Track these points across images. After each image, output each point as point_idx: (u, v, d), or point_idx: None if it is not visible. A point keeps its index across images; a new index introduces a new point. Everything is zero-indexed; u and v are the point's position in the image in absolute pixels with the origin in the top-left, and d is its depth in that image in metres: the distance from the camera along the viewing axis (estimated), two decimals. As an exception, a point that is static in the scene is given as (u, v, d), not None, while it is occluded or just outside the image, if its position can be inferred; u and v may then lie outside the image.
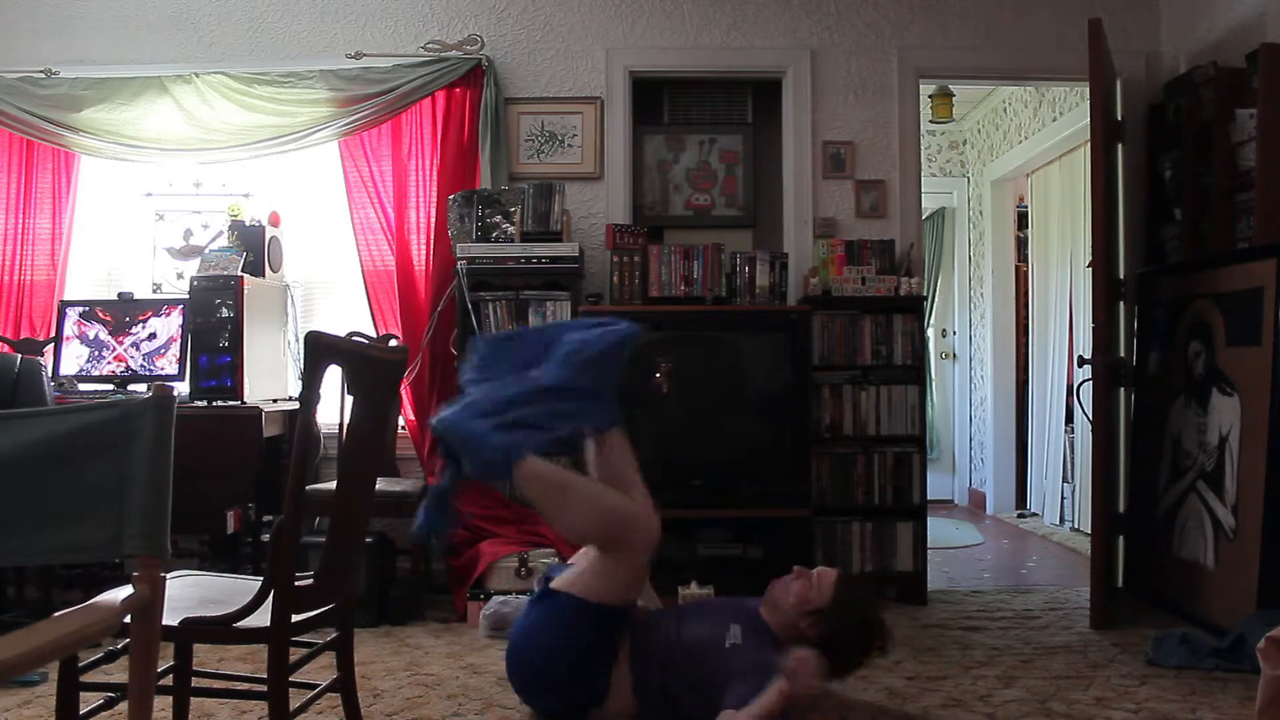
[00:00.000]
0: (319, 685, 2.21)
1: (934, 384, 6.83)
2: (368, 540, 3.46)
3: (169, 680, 2.06)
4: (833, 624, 2.43)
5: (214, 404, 3.76)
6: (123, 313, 4.01)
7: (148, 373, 3.95)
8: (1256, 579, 3.17)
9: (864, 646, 2.49)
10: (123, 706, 1.71)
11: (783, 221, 4.35)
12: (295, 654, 2.08)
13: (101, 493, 1.40)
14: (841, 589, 2.47)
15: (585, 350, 2.48)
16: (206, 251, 4.06)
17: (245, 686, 2.48)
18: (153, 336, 3.97)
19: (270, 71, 4.21)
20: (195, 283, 3.83)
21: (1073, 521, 5.50)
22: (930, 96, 6.00)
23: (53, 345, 4.01)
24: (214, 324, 3.78)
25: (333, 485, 2.16)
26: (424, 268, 4.20)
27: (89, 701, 2.04)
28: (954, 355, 6.89)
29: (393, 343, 3.93)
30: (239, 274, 3.84)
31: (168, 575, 1.74)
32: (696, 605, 2.85)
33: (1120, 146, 4.16)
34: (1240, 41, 3.78)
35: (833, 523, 3.93)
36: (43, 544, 1.45)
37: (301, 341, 3.92)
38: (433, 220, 4.17)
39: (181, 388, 3.81)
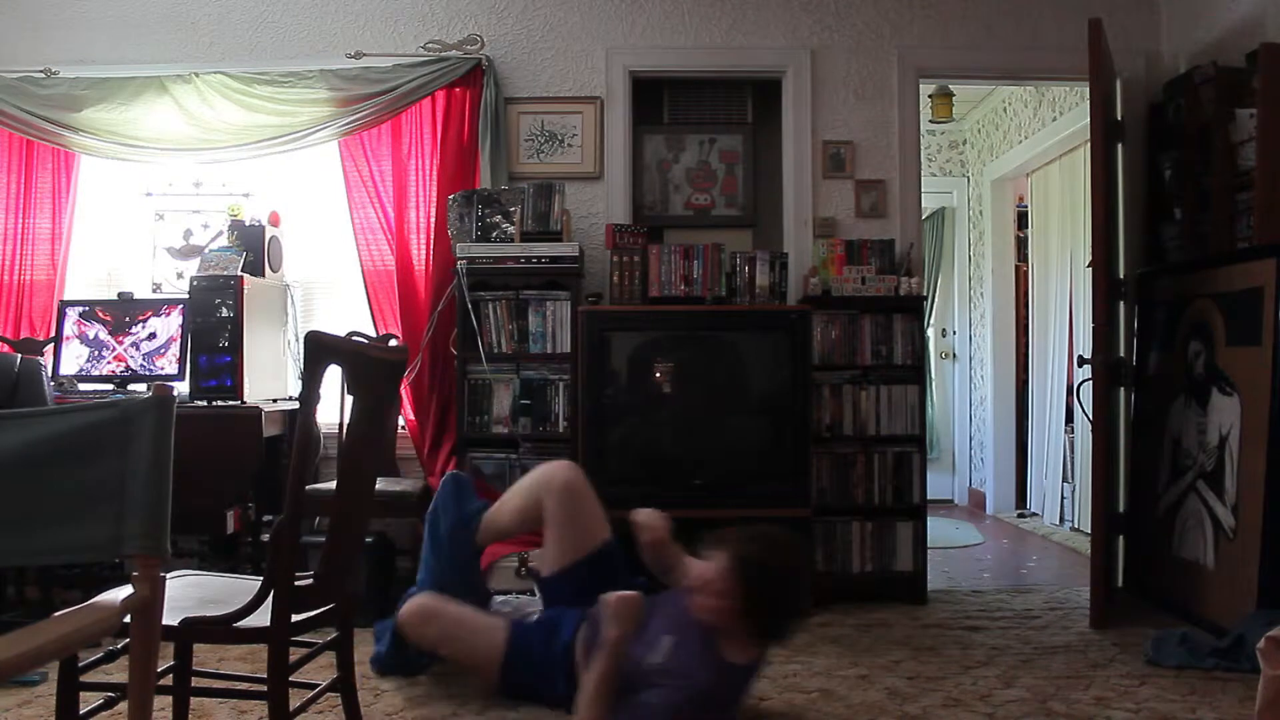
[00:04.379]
0: (319, 685, 2.21)
1: (934, 384, 6.83)
2: (368, 540, 3.46)
3: (169, 680, 2.06)
4: (762, 605, 2.35)
5: (214, 404, 3.76)
6: (123, 313, 4.01)
7: (148, 373, 3.95)
8: (1256, 579, 3.17)
9: (800, 590, 2.52)
10: (123, 706, 1.71)
11: (783, 221, 4.35)
12: (295, 654, 2.08)
13: (101, 493, 1.40)
14: (743, 580, 2.33)
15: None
16: (206, 251, 4.06)
17: (245, 686, 2.48)
18: (153, 336, 3.97)
19: (270, 71, 4.21)
20: (195, 283, 3.83)
21: (1073, 521, 5.50)
22: (930, 96, 6.00)
23: (53, 345, 4.01)
24: (214, 324, 3.78)
25: (333, 485, 2.16)
26: (424, 267, 4.20)
27: (89, 701, 2.04)
28: (954, 355, 6.89)
29: (393, 342, 3.93)
30: (239, 274, 3.84)
31: (168, 575, 1.74)
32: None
33: (1120, 146, 4.16)
34: (1240, 41, 3.78)
35: (833, 522, 3.93)
36: (43, 544, 1.44)
37: (301, 341, 3.92)
38: (433, 220, 4.17)
39: (181, 388, 3.80)
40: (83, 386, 3.95)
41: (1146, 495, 3.93)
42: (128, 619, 1.35)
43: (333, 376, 2.01)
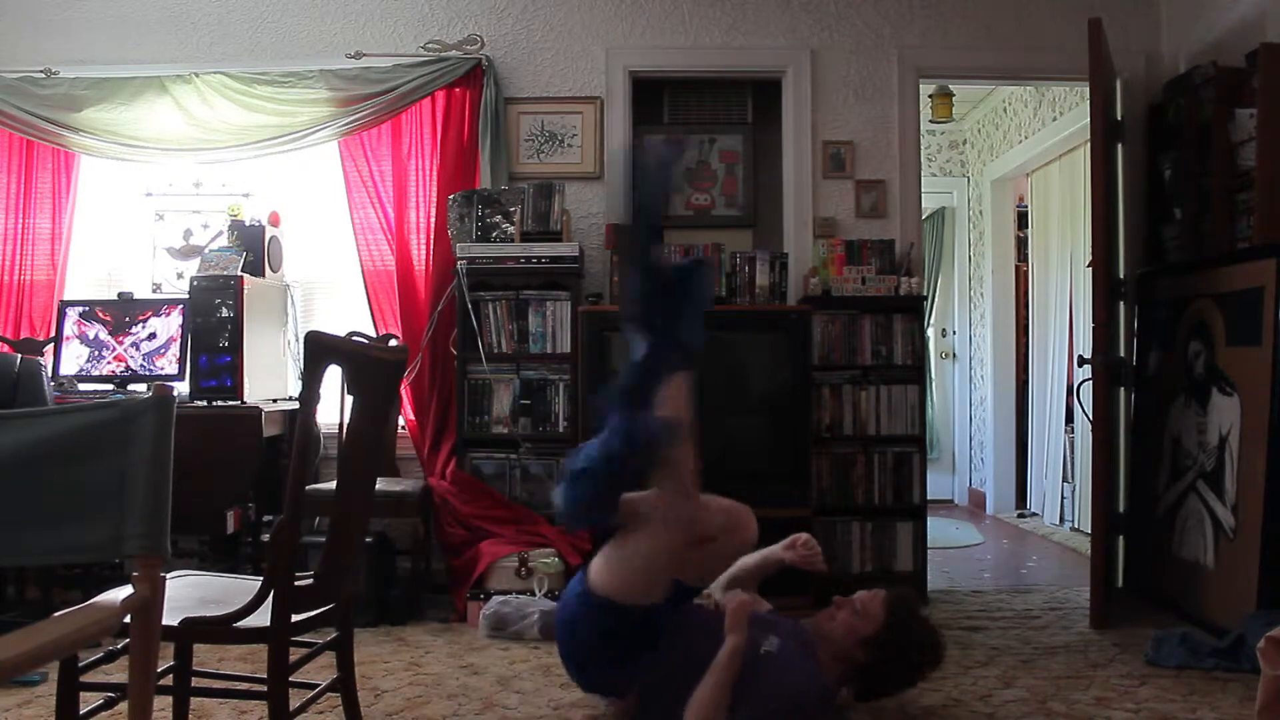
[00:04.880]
0: (319, 685, 2.21)
1: (934, 384, 6.83)
2: (368, 540, 3.46)
3: (169, 680, 2.06)
4: (888, 648, 2.43)
5: (214, 404, 3.76)
6: (123, 313, 4.01)
7: (148, 373, 3.95)
8: (1256, 579, 3.17)
9: (920, 664, 2.49)
10: (123, 706, 1.71)
11: (783, 221, 4.35)
12: (295, 654, 2.08)
13: (101, 493, 1.40)
14: (892, 612, 2.46)
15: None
16: (206, 251, 4.06)
17: (245, 686, 2.48)
18: (153, 336, 3.97)
19: (270, 71, 4.21)
20: (195, 283, 3.83)
21: (1073, 521, 5.50)
22: (930, 96, 6.00)
23: (53, 345, 4.01)
24: (214, 324, 3.78)
25: (333, 485, 2.16)
26: (424, 267, 4.20)
27: (89, 701, 2.04)
28: (954, 355, 6.89)
29: (393, 343, 3.93)
30: (239, 274, 3.84)
31: (168, 575, 1.74)
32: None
33: (1120, 146, 4.16)
34: (1240, 41, 3.78)
35: (833, 523, 3.93)
36: (43, 544, 1.44)
37: (301, 341, 3.92)
38: (433, 220, 4.17)
39: (181, 388, 3.81)
40: (83, 386, 3.95)
41: (1146, 495, 3.93)
42: (128, 619, 1.35)
43: (333, 376, 2.01)
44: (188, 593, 2.15)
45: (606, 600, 2.36)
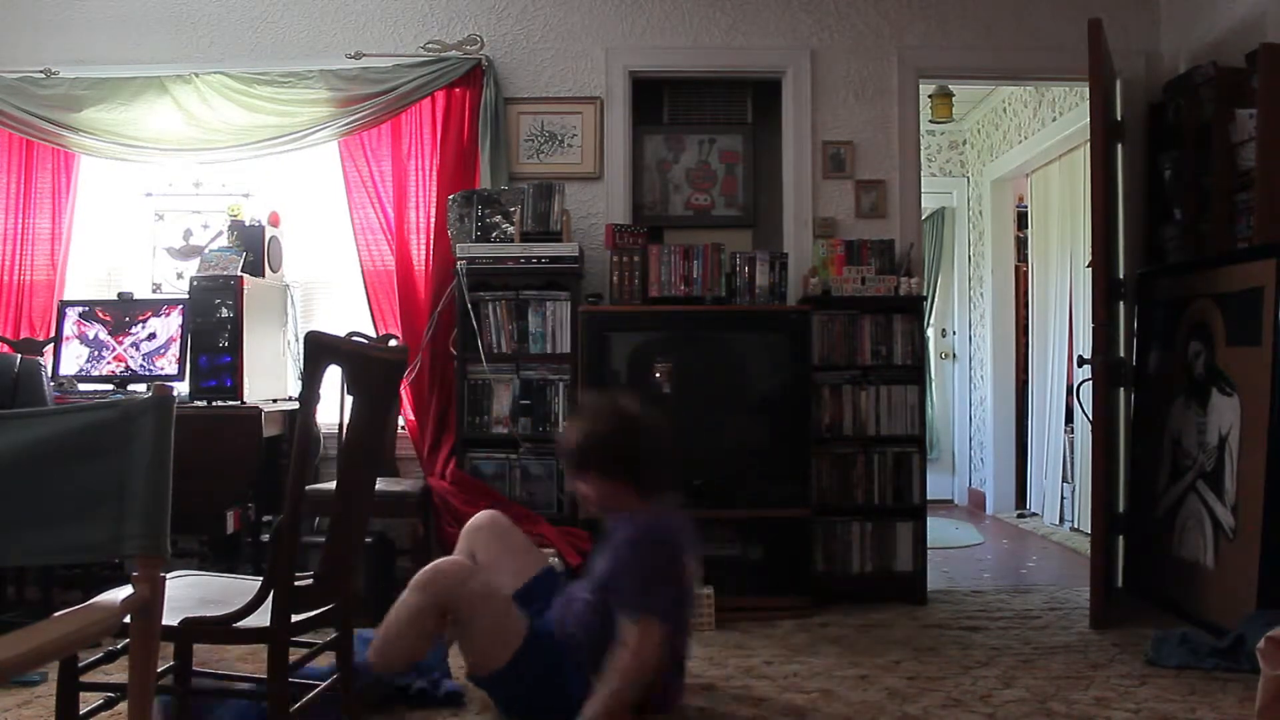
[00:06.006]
0: (319, 685, 2.21)
1: (934, 384, 6.83)
2: (368, 540, 3.46)
3: (169, 680, 2.06)
4: (605, 448, 2.53)
5: (214, 404, 3.75)
6: (122, 313, 4.01)
7: (147, 373, 3.95)
8: (1256, 579, 3.17)
9: (647, 443, 2.59)
10: (123, 706, 1.71)
11: (783, 221, 4.35)
12: (295, 654, 2.08)
13: (101, 493, 1.39)
14: (579, 463, 2.56)
15: None
16: (206, 251, 4.06)
17: (245, 686, 2.48)
18: (152, 336, 3.97)
19: (270, 71, 4.21)
20: (195, 283, 3.83)
21: (1073, 521, 5.50)
22: (930, 96, 6.00)
23: (52, 345, 4.01)
24: (214, 324, 3.78)
25: (333, 485, 2.16)
26: (424, 268, 4.20)
27: (89, 701, 2.04)
28: (954, 355, 6.89)
29: (393, 343, 3.93)
30: (239, 274, 3.84)
31: (168, 575, 1.74)
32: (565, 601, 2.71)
33: (1120, 146, 4.16)
34: (1240, 41, 3.78)
35: (833, 523, 3.93)
36: (43, 544, 1.44)
37: (301, 341, 3.92)
38: (433, 220, 4.17)
39: (181, 388, 3.81)
40: (83, 386, 3.95)
41: (1146, 495, 3.93)
42: (128, 619, 1.35)
43: (333, 376, 2.01)
44: (188, 593, 2.15)
45: (491, 676, 2.51)
